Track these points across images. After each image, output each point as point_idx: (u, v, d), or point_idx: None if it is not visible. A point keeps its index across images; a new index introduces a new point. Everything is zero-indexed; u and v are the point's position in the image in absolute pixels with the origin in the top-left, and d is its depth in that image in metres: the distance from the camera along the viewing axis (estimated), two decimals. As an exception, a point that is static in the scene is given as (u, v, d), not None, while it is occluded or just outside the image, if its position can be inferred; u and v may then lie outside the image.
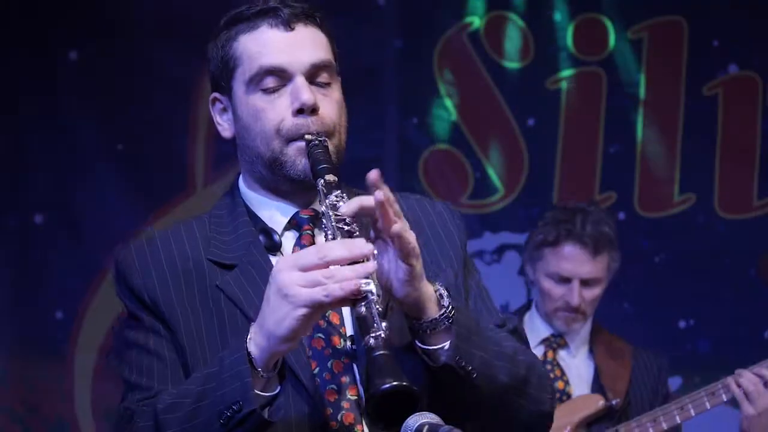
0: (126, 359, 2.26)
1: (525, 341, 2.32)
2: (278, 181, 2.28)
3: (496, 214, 5.33)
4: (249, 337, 2.05)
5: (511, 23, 5.38)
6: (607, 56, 5.35)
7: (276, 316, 2.01)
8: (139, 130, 5.31)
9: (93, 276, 5.24)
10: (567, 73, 5.37)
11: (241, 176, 2.38)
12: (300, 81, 2.25)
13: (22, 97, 5.30)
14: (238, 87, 2.30)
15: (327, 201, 2.12)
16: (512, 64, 5.37)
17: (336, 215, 2.09)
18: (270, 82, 2.26)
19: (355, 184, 2.32)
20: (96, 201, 5.27)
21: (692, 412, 3.89)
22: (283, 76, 2.26)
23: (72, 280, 5.25)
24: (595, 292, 4.00)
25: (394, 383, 1.92)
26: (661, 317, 5.21)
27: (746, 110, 5.28)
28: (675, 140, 5.31)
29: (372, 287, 1.99)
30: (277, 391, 2.07)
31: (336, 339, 2.19)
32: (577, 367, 4.08)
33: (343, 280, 1.98)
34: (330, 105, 2.28)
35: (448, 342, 2.10)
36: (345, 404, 2.15)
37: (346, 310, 2.21)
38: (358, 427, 2.14)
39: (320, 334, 2.19)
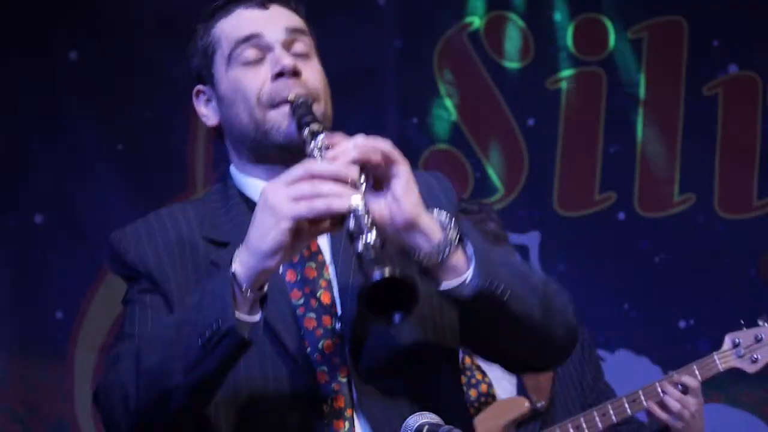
0: (123, 317, 2.25)
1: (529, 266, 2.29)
2: (266, 149, 2.24)
3: (496, 214, 5.33)
4: (234, 258, 2.01)
5: (511, 23, 5.38)
6: (607, 56, 5.36)
7: (260, 230, 1.98)
8: (139, 130, 5.32)
9: (93, 276, 5.24)
10: (567, 73, 5.37)
11: (231, 164, 2.35)
12: (278, 49, 2.24)
13: (22, 97, 5.31)
14: (220, 68, 2.28)
15: (313, 143, 2.08)
16: (512, 64, 5.37)
17: (319, 150, 2.05)
18: (249, 54, 2.24)
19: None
20: (96, 201, 5.27)
21: (614, 419, 3.89)
22: (260, 46, 2.24)
23: (72, 280, 5.25)
24: None
25: (386, 268, 1.85)
26: (661, 317, 5.21)
27: (746, 110, 5.29)
28: (675, 140, 5.31)
29: (359, 202, 1.94)
30: (258, 316, 2.02)
31: (327, 319, 2.16)
32: (500, 372, 4.06)
33: (328, 195, 1.95)
34: (312, 70, 2.26)
35: (469, 271, 2.04)
36: (335, 386, 2.12)
37: (336, 289, 2.18)
38: (348, 411, 2.11)
39: (312, 314, 2.16)
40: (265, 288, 2.02)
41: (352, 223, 1.94)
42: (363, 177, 2.02)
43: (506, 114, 5.36)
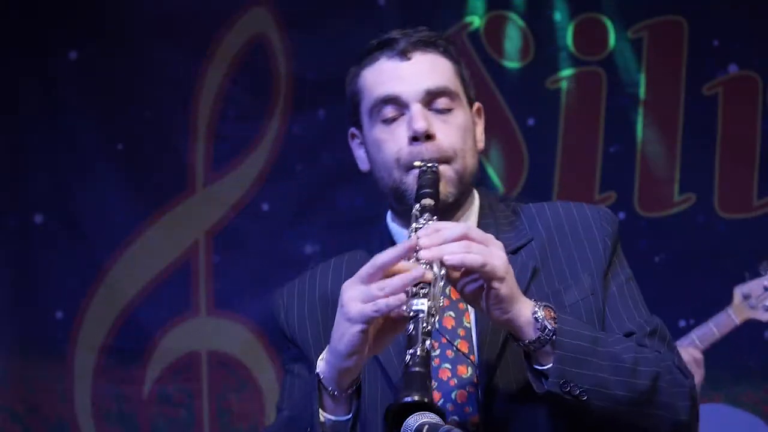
0: (281, 385, 2.35)
1: (668, 341, 2.29)
2: (405, 210, 2.27)
3: (496, 213, 5.32)
4: (321, 356, 2.09)
5: (511, 23, 5.38)
6: (607, 56, 5.35)
7: (338, 332, 2.04)
8: (139, 130, 5.31)
9: (93, 276, 5.24)
10: (567, 72, 5.36)
11: (388, 210, 2.40)
12: (415, 108, 2.26)
13: (22, 97, 5.30)
14: (364, 120, 2.33)
15: (413, 224, 2.13)
16: (512, 63, 5.37)
17: (416, 237, 2.08)
18: (388, 112, 2.27)
19: (354, 184, 2.33)
20: (96, 201, 5.27)
21: None
22: (399, 104, 2.27)
23: (72, 280, 5.25)
24: None
25: (416, 398, 1.90)
26: (661, 317, 5.18)
27: (746, 110, 5.28)
28: (675, 140, 5.31)
29: (424, 306, 1.98)
30: (350, 415, 2.08)
31: (462, 368, 2.19)
32: None
33: (390, 292, 1.98)
34: (449, 130, 2.28)
35: (548, 367, 2.08)
36: None
37: (474, 337, 2.21)
38: None
39: (447, 365, 2.20)
40: (358, 383, 2.08)
41: (411, 327, 1.98)
42: (444, 271, 2.04)
43: (506, 114, 5.36)
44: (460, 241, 2.05)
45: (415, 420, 1.90)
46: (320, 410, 2.08)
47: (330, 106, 5.20)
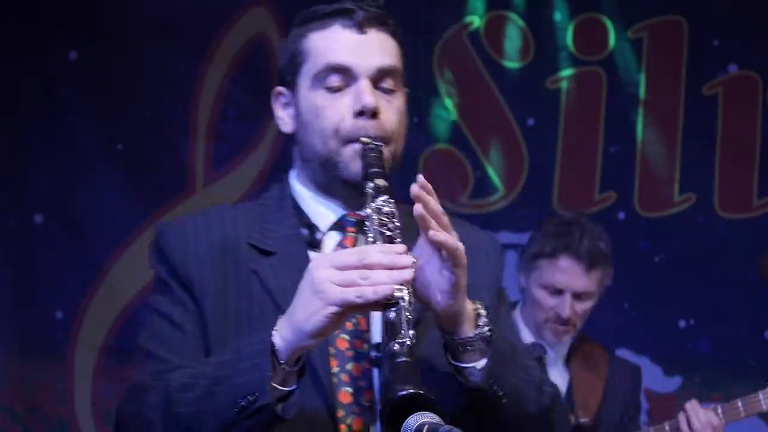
0: (147, 326, 2.27)
1: (545, 372, 2.34)
2: (331, 180, 2.28)
3: (496, 213, 5.33)
4: (275, 328, 2.05)
5: (511, 23, 5.38)
6: (607, 56, 5.35)
7: (306, 311, 2.01)
8: (139, 130, 5.31)
9: (93, 276, 5.24)
10: (567, 72, 5.37)
11: (293, 171, 2.38)
12: (364, 83, 2.25)
13: (22, 97, 5.30)
14: (303, 82, 2.29)
15: (373, 204, 2.12)
16: (512, 63, 5.37)
17: (380, 219, 2.09)
18: (334, 80, 2.26)
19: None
20: (96, 201, 5.26)
21: None
22: (348, 75, 2.26)
23: (72, 280, 5.25)
24: (586, 305, 4.03)
25: (411, 390, 1.91)
26: (661, 317, 5.21)
27: (746, 110, 5.28)
28: (675, 140, 5.31)
29: (405, 294, 1.99)
30: (293, 387, 2.06)
31: (359, 343, 2.19)
32: (553, 379, 4.11)
33: (377, 283, 1.98)
34: (391, 111, 2.28)
35: (482, 362, 2.10)
36: (356, 409, 2.15)
37: (375, 317, 2.21)
38: None
39: (345, 336, 2.20)
40: (303, 360, 2.06)
41: (393, 315, 1.98)
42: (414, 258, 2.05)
43: (506, 114, 5.36)
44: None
45: (415, 420, 1.90)
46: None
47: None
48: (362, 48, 2.27)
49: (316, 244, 2.28)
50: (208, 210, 2.34)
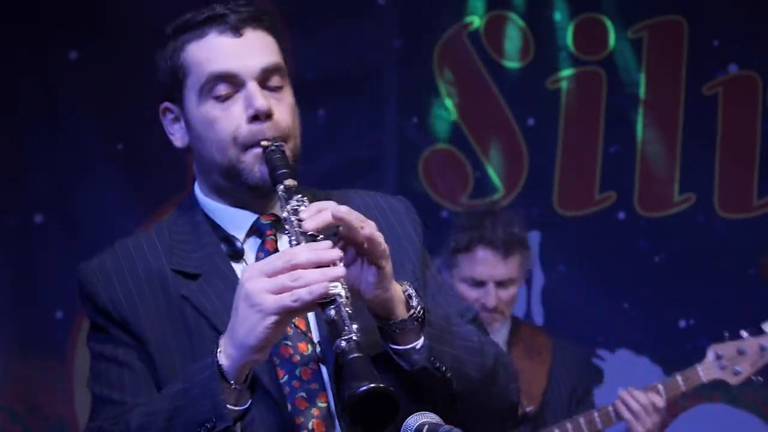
0: (94, 372, 2.22)
1: (484, 330, 2.32)
2: (236, 188, 2.25)
3: (496, 213, 5.32)
4: (219, 349, 2.03)
5: (511, 23, 5.38)
6: (607, 56, 5.35)
7: (246, 326, 1.99)
8: (139, 130, 5.30)
9: (93, 276, 5.24)
10: (567, 72, 5.36)
11: (197, 185, 2.34)
12: (252, 87, 2.21)
13: (22, 97, 5.30)
14: (190, 97, 2.26)
15: (288, 206, 2.10)
16: (512, 63, 5.37)
17: (298, 220, 2.06)
18: (221, 89, 2.22)
19: (355, 184, 2.33)
20: (96, 201, 5.26)
21: (599, 426, 4.02)
22: (234, 82, 2.22)
23: (72, 280, 5.17)
24: (510, 292, 4.09)
25: (371, 385, 1.89)
26: (661, 317, 5.21)
27: (746, 110, 5.28)
28: (675, 140, 5.31)
29: (340, 290, 1.98)
30: (248, 404, 2.05)
31: (303, 345, 2.17)
32: None
33: (311, 283, 1.96)
34: (284, 109, 2.25)
35: (420, 342, 2.10)
36: (315, 411, 2.13)
37: (312, 316, 2.19)
38: None
39: (287, 342, 2.17)
40: (251, 375, 2.04)
41: (332, 313, 1.97)
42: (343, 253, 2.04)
43: (506, 114, 5.36)
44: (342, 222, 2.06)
45: (414, 420, 1.90)
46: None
47: (330, 106, 5.20)
48: (242, 51, 2.23)
49: (238, 256, 2.25)
50: (122, 242, 2.32)
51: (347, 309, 1.97)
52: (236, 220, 2.27)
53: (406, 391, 2.08)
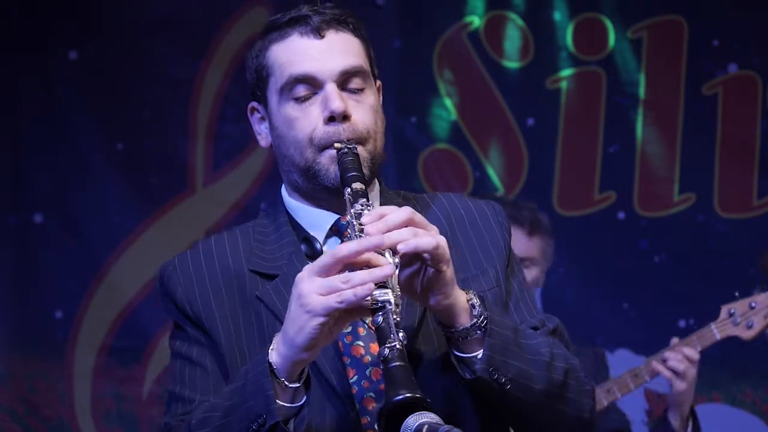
0: (171, 370, 2.28)
1: (566, 341, 2.30)
2: (315, 189, 2.28)
3: (496, 213, 5.32)
4: (271, 347, 2.05)
5: (511, 23, 5.38)
6: (607, 56, 5.35)
7: (295, 325, 2.01)
8: (139, 130, 5.31)
9: (93, 276, 5.24)
10: (567, 72, 5.36)
11: (282, 185, 2.38)
12: (330, 88, 2.23)
13: (22, 97, 5.30)
14: (272, 97, 2.29)
15: (352, 210, 2.11)
16: (512, 63, 5.37)
17: (359, 224, 2.08)
18: (301, 90, 2.24)
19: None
20: (96, 201, 5.27)
21: (618, 395, 4.02)
22: (313, 84, 2.24)
23: (72, 280, 5.25)
24: (531, 273, 4.06)
25: (407, 395, 1.90)
26: (661, 317, 5.21)
27: (746, 110, 5.28)
28: (675, 140, 5.31)
29: (389, 297, 1.98)
30: (303, 401, 2.06)
31: (375, 346, 2.16)
32: None
33: (357, 284, 1.97)
34: (363, 111, 2.27)
35: (481, 352, 2.09)
36: None
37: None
38: None
39: (360, 342, 2.19)
40: (306, 373, 2.06)
41: (380, 319, 1.98)
42: (398, 259, 2.04)
43: (506, 114, 5.36)
44: (405, 226, 2.05)
45: (414, 420, 1.90)
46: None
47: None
48: (323, 53, 2.25)
49: (317, 256, 2.22)
50: (207, 241, 2.34)
51: (395, 317, 1.97)
52: (317, 221, 2.30)
53: (471, 401, 2.11)
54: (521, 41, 5.37)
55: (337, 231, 2.28)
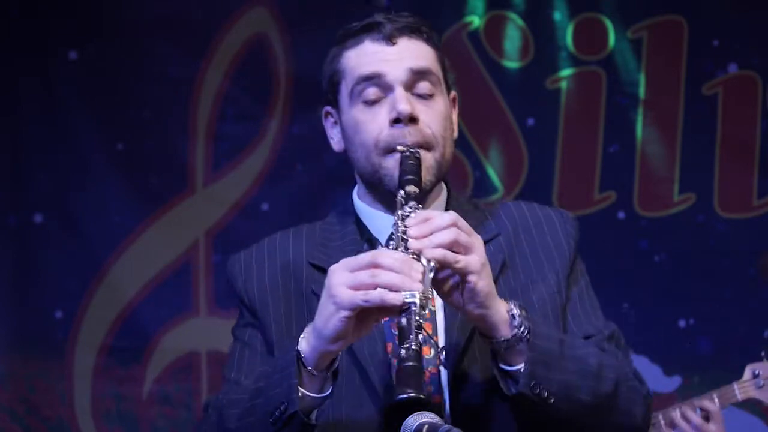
0: (229, 352, 2.34)
1: (623, 346, 2.29)
2: (381, 192, 2.29)
3: (495, 213, 5.32)
4: (302, 335, 2.07)
5: (511, 23, 5.38)
6: (607, 56, 5.35)
7: (323, 316, 2.03)
8: (139, 130, 5.31)
9: (92, 276, 5.24)
10: (567, 72, 5.36)
11: (355, 187, 2.40)
12: (398, 91, 2.25)
13: (22, 97, 5.30)
14: (343, 100, 2.31)
15: (399, 212, 2.12)
16: (512, 63, 5.37)
17: (404, 226, 2.08)
18: (370, 93, 2.27)
19: (353, 184, 2.33)
20: (96, 201, 5.26)
21: None
22: (382, 85, 2.26)
23: (72, 280, 5.25)
24: None
25: (412, 394, 1.91)
26: (661, 317, 5.21)
27: (746, 110, 5.28)
28: (675, 140, 5.31)
29: (416, 299, 1.98)
30: (328, 392, 2.08)
31: (426, 349, 2.16)
32: None
33: (388, 285, 1.98)
34: (432, 115, 2.29)
35: (519, 367, 2.09)
36: None
37: (440, 320, 2.21)
38: None
39: None
40: (336, 364, 2.08)
41: (404, 320, 1.99)
42: (433, 263, 2.04)
43: (506, 113, 5.36)
44: (449, 229, 2.06)
45: (414, 420, 1.90)
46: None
47: (330, 105, 5.20)
48: (392, 56, 2.28)
49: None
50: (273, 236, 2.38)
51: (418, 318, 1.98)
52: (382, 222, 2.32)
53: (514, 412, 2.11)
54: (521, 41, 5.37)
55: None
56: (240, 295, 2.32)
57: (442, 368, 2.18)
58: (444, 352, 2.17)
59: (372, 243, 2.30)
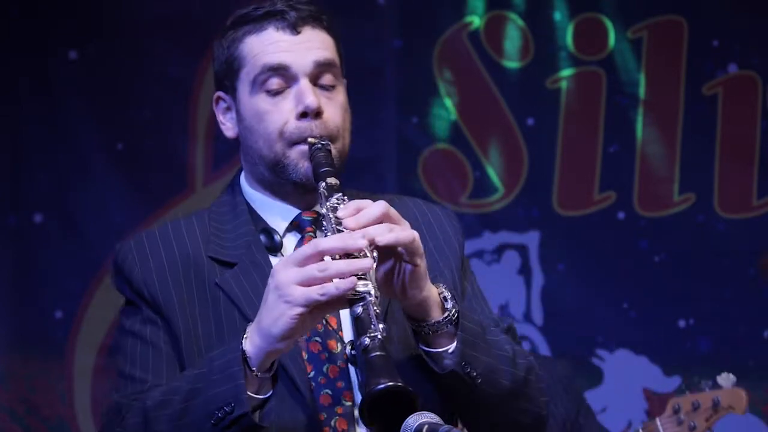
0: (121, 348, 2.25)
1: (518, 341, 2.32)
2: (281, 183, 2.28)
3: (495, 213, 5.32)
4: (245, 336, 2.04)
5: (511, 23, 5.38)
6: (607, 56, 5.35)
7: (272, 315, 2.00)
8: (139, 130, 5.31)
9: (93, 276, 5.24)
10: (567, 72, 5.36)
11: (242, 174, 2.38)
12: (304, 83, 2.24)
13: (22, 97, 5.30)
14: (243, 88, 2.29)
15: (328, 204, 2.12)
16: (512, 63, 5.37)
17: (336, 218, 2.08)
18: (274, 83, 2.25)
19: (353, 184, 2.33)
20: (96, 201, 5.27)
21: None
22: (286, 76, 2.25)
23: (72, 280, 5.25)
24: None
25: (389, 383, 1.91)
26: (661, 317, 5.21)
27: (746, 110, 5.28)
28: (675, 140, 5.31)
29: (370, 288, 1.99)
30: (269, 394, 2.06)
31: (333, 343, 2.19)
32: None
33: (338, 275, 1.97)
34: (334, 108, 2.28)
35: (453, 346, 2.10)
36: (339, 410, 2.15)
37: (344, 315, 2.20)
38: None
39: (317, 338, 2.19)
40: (276, 366, 2.05)
41: (360, 310, 1.99)
42: (376, 252, 2.04)
43: (506, 113, 5.36)
44: (381, 220, 2.06)
45: (414, 420, 1.90)
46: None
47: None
48: (297, 47, 2.26)
49: (276, 249, 2.27)
50: (164, 226, 2.33)
51: (375, 308, 1.98)
52: (278, 214, 2.31)
53: (439, 395, 2.11)
54: (521, 41, 5.37)
55: (298, 225, 2.29)
56: (137, 287, 2.24)
57: (350, 364, 2.18)
58: (350, 347, 2.17)
59: (269, 233, 2.27)
